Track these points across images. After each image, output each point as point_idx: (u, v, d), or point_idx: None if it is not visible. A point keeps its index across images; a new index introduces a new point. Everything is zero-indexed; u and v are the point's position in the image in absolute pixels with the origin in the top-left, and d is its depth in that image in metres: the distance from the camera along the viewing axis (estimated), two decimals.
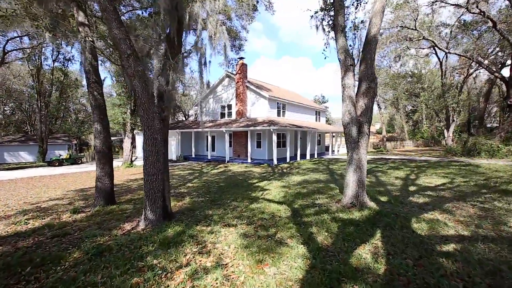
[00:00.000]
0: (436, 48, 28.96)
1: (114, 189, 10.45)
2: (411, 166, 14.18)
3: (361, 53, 6.03)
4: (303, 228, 4.69)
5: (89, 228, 5.14)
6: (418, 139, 37.87)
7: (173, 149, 24.36)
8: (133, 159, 20.32)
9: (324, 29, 7.05)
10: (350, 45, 6.00)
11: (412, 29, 18.83)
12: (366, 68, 5.79)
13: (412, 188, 8.11)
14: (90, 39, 6.72)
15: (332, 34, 6.96)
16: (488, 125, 41.94)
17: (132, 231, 4.80)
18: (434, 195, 7.05)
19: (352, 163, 5.91)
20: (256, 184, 10.22)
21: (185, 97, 40.42)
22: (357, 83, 6.05)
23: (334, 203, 6.32)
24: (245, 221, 5.27)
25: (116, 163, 21.45)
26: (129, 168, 18.56)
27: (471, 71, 30.14)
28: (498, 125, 41.72)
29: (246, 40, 18.22)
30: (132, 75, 4.26)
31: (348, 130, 5.88)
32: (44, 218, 6.19)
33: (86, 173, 16.39)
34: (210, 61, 5.46)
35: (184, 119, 42.53)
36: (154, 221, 4.92)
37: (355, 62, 6.16)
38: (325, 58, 7.30)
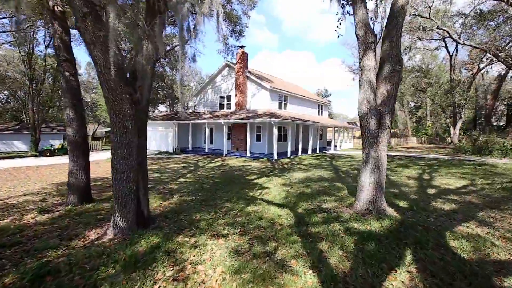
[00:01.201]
0: (446, 41, 27.66)
1: (98, 183, 9.55)
2: (420, 164, 13.21)
3: (384, 29, 4.97)
4: (311, 243, 3.73)
5: (47, 236, 4.19)
6: (422, 136, 36.82)
7: (170, 141, 23.39)
8: None
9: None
10: (370, 18, 4.91)
11: (426, 17, 17.56)
12: (390, 47, 4.74)
13: (431, 191, 7.14)
14: (59, 8, 5.64)
15: (348, 8, 5.85)
16: (494, 123, 40.84)
17: (97, 241, 3.85)
18: (459, 200, 6.08)
19: (369, 162, 4.92)
20: (255, 181, 9.27)
21: (184, 87, 39.19)
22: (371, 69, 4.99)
23: (345, 208, 5.36)
24: (239, 230, 4.32)
25: (104, 154, 20.58)
26: None
27: (481, 66, 28.88)
28: (504, 123, 40.62)
29: (247, 27, 16.96)
30: (91, 42, 3.22)
31: (366, 122, 4.87)
32: (3, 219, 5.24)
33: None
34: (196, 29, 4.40)
35: (183, 110, 41.39)
36: (125, 229, 3.96)
37: (377, 39, 5.08)
38: (338, 36, 6.23)
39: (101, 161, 16.91)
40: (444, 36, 21.76)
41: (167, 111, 39.95)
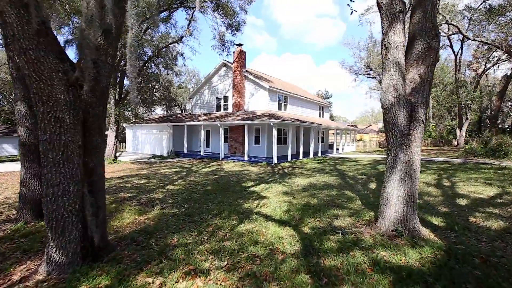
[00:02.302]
0: (451, 40, 26.75)
1: None
2: (433, 168, 12.06)
3: None
4: None
5: None
6: (426, 138, 35.70)
7: (164, 145, 22.24)
8: (117, 155, 18.18)
9: None
10: None
11: None
12: (423, 18, 3.64)
13: (461, 202, 5.98)
14: None
15: None
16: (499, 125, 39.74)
17: (20, 284, 2.69)
18: (504, 215, 4.91)
19: (397, 168, 3.78)
20: (252, 188, 8.11)
21: (180, 89, 38.16)
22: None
23: (365, 227, 4.20)
24: (226, 263, 3.15)
25: None
26: (111, 164, 16.41)
27: (488, 65, 27.93)
28: (510, 125, 39.58)
29: (244, 23, 15.97)
30: None
31: (392, 116, 3.74)
32: None
33: None
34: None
35: (180, 113, 40.34)
36: (63, 265, 2.79)
37: (406, 7, 3.99)
38: (351, 13, 5.13)
39: None
40: (453, 32, 20.76)
41: (164, 113, 38.86)
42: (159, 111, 42.61)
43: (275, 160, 14.78)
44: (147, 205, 6.19)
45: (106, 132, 18.04)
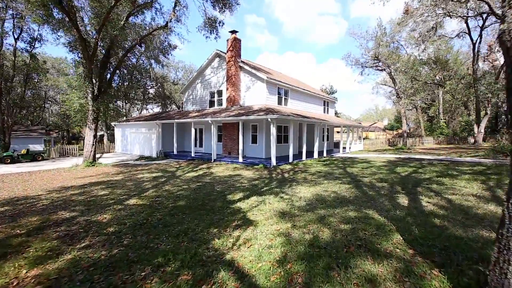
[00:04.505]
0: (469, 26, 24.29)
1: (5, 208, 6.37)
2: (467, 172, 9.84)
3: None
4: None
5: None
6: (438, 136, 33.22)
7: (154, 145, 20.20)
8: (97, 156, 16.16)
9: None
10: None
11: None
12: None
13: None
14: None
15: None
16: None
17: None
18: None
19: None
20: (237, 204, 6.00)
21: (175, 86, 36.12)
22: None
23: None
24: None
25: (77, 160, 17.43)
26: (89, 167, 14.40)
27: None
28: None
29: (237, 4, 13.81)
30: None
31: None
32: None
33: (29, 174, 12.21)
34: None
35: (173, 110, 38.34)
36: None
37: None
38: None
39: (62, 169, 13.73)
40: (480, 12, 18.27)
41: (160, 111, 36.88)
42: (157, 110, 40.69)
43: (273, 162, 12.64)
44: (73, 238, 4.13)
45: (84, 132, 16.03)
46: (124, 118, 22.32)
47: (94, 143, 15.47)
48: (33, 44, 24.37)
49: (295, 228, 4.21)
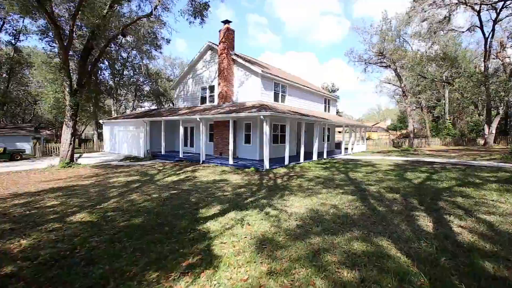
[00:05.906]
0: (481, 19, 22.71)
1: None
2: (492, 180, 8.36)
3: None
4: None
5: None
6: (445, 136, 31.61)
7: (142, 144, 18.81)
8: (75, 157, 14.80)
9: None
10: None
11: None
12: None
13: None
14: None
15: None
16: None
17: None
18: None
19: None
20: (208, 224, 4.59)
21: (170, 82, 34.71)
22: None
23: None
24: None
25: (57, 160, 16.06)
26: (64, 169, 13.02)
27: None
28: None
29: None
30: None
31: None
32: None
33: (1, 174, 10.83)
34: None
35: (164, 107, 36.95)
36: None
37: None
38: None
39: (34, 170, 12.33)
40: (496, 0, 16.73)
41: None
42: (153, 108, 39.28)
43: (266, 164, 11.19)
44: None
45: (81, 129, 14.65)
46: (113, 116, 20.97)
47: (72, 141, 14.07)
48: (17, 37, 23.07)
49: (272, 277, 2.77)
